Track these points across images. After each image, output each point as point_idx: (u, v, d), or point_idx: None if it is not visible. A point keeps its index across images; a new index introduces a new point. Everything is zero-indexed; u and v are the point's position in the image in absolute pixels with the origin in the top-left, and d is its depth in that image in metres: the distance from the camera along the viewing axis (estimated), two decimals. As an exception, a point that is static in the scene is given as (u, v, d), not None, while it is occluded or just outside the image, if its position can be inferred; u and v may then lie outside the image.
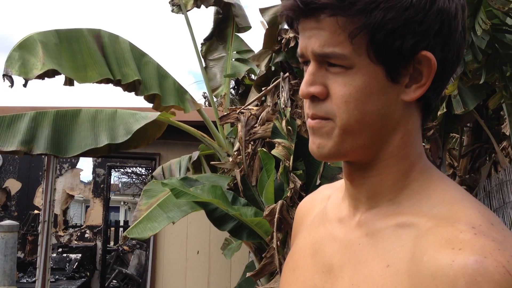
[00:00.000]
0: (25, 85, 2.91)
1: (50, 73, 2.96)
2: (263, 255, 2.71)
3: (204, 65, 4.29)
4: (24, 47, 2.93)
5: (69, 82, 3.12)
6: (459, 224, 0.56)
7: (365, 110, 0.62)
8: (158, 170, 3.93)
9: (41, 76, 2.89)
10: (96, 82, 3.15)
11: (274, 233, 2.60)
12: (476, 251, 0.52)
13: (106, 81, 3.20)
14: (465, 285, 0.50)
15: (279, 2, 3.27)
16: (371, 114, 0.62)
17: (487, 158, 3.24)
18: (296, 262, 0.76)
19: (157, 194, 3.14)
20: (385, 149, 0.65)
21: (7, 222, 5.47)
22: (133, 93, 3.34)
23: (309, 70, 0.64)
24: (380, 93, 0.62)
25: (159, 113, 3.50)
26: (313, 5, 0.60)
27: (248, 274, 2.80)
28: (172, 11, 4.11)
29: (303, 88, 0.64)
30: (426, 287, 0.54)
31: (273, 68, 3.47)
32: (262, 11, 3.36)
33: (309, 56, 0.64)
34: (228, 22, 4.45)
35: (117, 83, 3.24)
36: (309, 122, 0.65)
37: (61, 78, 3.09)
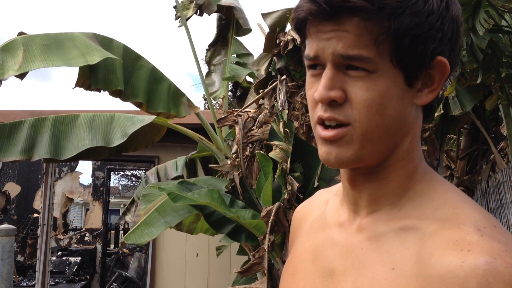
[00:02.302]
0: None
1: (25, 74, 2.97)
2: (251, 255, 2.69)
3: (208, 70, 4.37)
4: (6, 49, 2.95)
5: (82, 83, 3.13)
6: (465, 226, 0.57)
7: (386, 114, 0.62)
8: (152, 170, 3.95)
9: (19, 76, 2.92)
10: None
11: (267, 235, 2.59)
12: (485, 252, 0.53)
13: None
14: (476, 286, 0.51)
15: (278, 7, 3.28)
16: (390, 118, 0.62)
17: (485, 159, 3.23)
18: (296, 266, 0.76)
19: (155, 198, 3.13)
20: (395, 152, 0.65)
21: (4, 226, 5.45)
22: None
23: (328, 74, 0.62)
24: (399, 97, 0.62)
25: (155, 116, 3.50)
26: (347, 6, 0.59)
27: (234, 270, 2.79)
28: (179, 26, 4.13)
29: (323, 92, 0.62)
30: None
31: (273, 73, 3.47)
32: (265, 16, 3.38)
33: (326, 59, 0.62)
34: (229, 27, 4.47)
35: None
36: (325, 133, 0.63)
37: (61, 79, 3.13)
